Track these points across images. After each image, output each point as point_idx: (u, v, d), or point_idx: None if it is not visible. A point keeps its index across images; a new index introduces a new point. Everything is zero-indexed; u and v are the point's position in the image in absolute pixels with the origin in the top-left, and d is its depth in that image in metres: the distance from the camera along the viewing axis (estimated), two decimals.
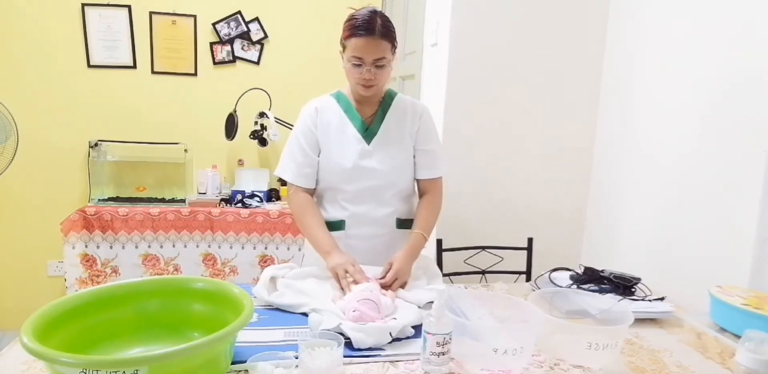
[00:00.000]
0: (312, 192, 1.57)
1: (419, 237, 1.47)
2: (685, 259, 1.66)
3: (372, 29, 1.36)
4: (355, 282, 1.33)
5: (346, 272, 1.35)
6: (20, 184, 2.96)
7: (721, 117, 1.56)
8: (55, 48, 2.93)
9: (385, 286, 1.36)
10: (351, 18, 1.40)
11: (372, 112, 1.55)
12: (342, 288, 1.35)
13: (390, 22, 1.42)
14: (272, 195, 3.02)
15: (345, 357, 1.02)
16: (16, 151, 2.49)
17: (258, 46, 3.13)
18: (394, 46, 1.43)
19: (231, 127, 2.94)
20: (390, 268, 1.39)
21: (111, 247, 2.72)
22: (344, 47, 1.43)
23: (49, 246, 2.97)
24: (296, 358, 0.97)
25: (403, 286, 1.39)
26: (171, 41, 3.04)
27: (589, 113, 2.22)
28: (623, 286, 1.45)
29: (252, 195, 2.91)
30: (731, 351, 1.14)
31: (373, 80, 1.42)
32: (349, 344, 1.09)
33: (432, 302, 1.04)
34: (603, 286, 1.47)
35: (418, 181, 1.58)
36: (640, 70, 1.96)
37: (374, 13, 1.39)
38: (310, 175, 1.53)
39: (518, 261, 2.03)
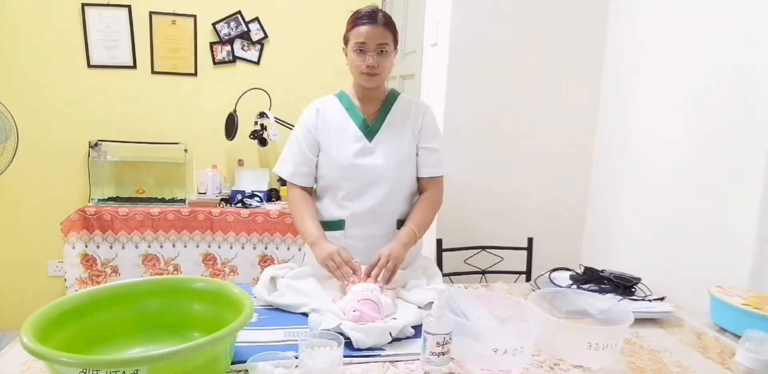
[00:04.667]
0: (309, 190, 1.59)
1: (410, 232, 1.47)
2: (685, 259, 1.66)
3: (375, 18, 1.43)
4: (352, 271, 1.34)
5: (336, 263, 1.36)
6: (20, 184, 2.96)
7: (721, 116, 1.56)
8: (55, 48, 2.93)
9: (386, 280, 1.35)
10: (354, 13, 1.46)
11: (374, 111, 1.56)
12: (341, 281, 1.36)
13: (391, 17, 1.48)
14: (272, 195, 3.02)
15: (345, 357, 1.02)
16: (16, 151, 2.49)
17: (258, 46, 3.13)
18: (395, 39, 1.47)
19: (231, 127, 2.94)
20: (380, 257, 1.38)
21: (111, 247, 2.72)
22: (347, 41, 1.48)
23: (49, 246, 2.97)
24: (296, 358, 0.97)
25: (388, 282, 1.39)
26: (171, 41, 3.04)
27: (589, 113, 2.22)
28: (623, 286, 1.45)
29: (252, 195, 2.91)
30: (731, 351, 1.14)
31: (376, 68, 1.44)
32: (349, 344, 1.09)
33: (432, 302, 1.04)
34: (603, 286, 1.47)
35: (419, 179, 1.58)
36: (639, 69, 1.96)
37: (377, 8, 1.46)
38: (306, 173, 1.55)
39: (518, 261, 2.03)
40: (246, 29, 3.09)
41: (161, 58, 3.04)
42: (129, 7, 2.95)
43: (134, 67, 3.03)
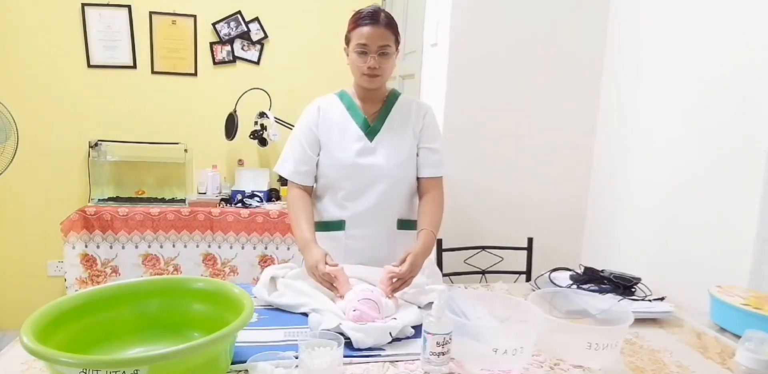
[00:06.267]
0: (309, 189, 1.58)
1: (430, 235, 1.43)
2: (685, 259, 1.66)
3: (377, 19, 1.41)
4: (337, 279, 1.31)
5: (318, 279, 1.33)
6: (20, 184, 2.96)
7: (721, 116, 1.56)
8: (55, 48, 2.93)
9: (395, 289, 1.32)
10: (356, 13, 1.45)
11: (375, 110, 1.55)
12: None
13: (393, 18, 1.47)
14: (272, 195, 3.02)
15: (345, 357, 1.02)
16: (16, 151, 2.49)
17: (258, 46, 3.13)
18: (397, 40, 1.46)
19: (231, 127, 2.94)
20: (405, 258, 1.33)
21: (111, 247, 2.72)
22: (349, 41, 1.47)
23: (49, 246, 2.97)
24: (296, 358, 0.97)
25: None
26: (171, 41, 3.04)
27: (589, 112, 2.22)
28: (623, 286, 1.46)
29: (252, 195, 2.91)
30: (731, 351, 1.14)
31: (377, 70, 1.43)
32: (349, 344, 1.09)
33: (432, 302, 1.04)
34: (603, 286, 1.47)
35: (420, 179, 1.57)
36: (639, 69, 1.96)
37: (379, 8, 1.45)
38: (307, 172, 1.54)
39: (518, 261, 2.03)
40: (246, 29, 3.09)
41: (161, 58, 3.04)
42: (129, 7, 2.95)
43: (134, 67, 3.03)
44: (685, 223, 1.68)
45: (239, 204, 2.87)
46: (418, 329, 1.13)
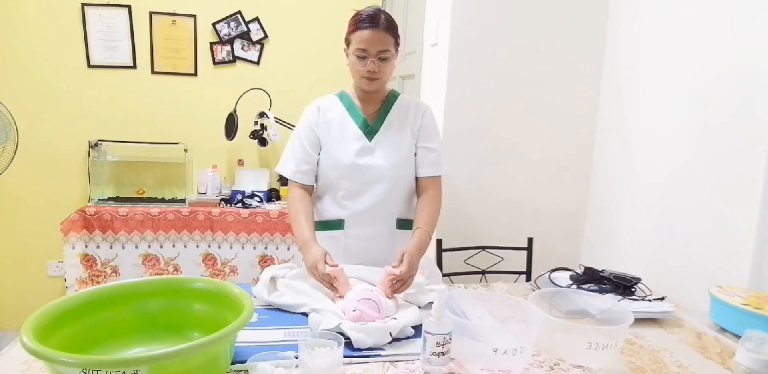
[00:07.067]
0: (310, 189, 1.58)
1: (424, 233, 1.43)
2: (685, 259, 1.66)
3: (376, 22, 1.40)
4: (336, 279, 1.31)
5: (318, 278, 1.33)
6: (20, 184, 2.96)
7: (721, 116, 1.56)
8: (55, 48, 2.93)
9: (395, 290, 1.32)
10: (356, 14, 1.45)
11: (374, 111, 1.56)
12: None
13: (393, 20, 1.46)
14: (272, 195, 3.02)
15: (345, 357, 1.02)
16: (16, 151, 2.49)
17: (258, 46, 3.13)
18: (397, 43, 1.46)
19: (231, 127, 2.94)
20: (401, 258, 1.32)
21: (111, 247, 2.72)
22: (349, 43, 1.47)
23: (49, 246, 2.97)
24: (296, 358, 0.97)
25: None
26: (171, 41, 3.04)
27: (589, 113, 2.22)
28: (623, 286, 1.46)
29: (252, 195, 2.91)
30: (731, 351, 1.14)
31: (376, 73, 1.44)
32: (349, 344, 1.09)
33: (432, 302, 1.04)
34: (603, 286, 1.47)
35: (418, 178, 1.58)
36: (639, 69, 1.96)
37: (379, 10, 1.44)
38: (308, 171, 1.55)
39: (518, 261, 2.03)
40: (246, 29, 3.09)
41: (161, 58, 3.04)
42: (129, 7, 2.95)
43: (134, 67, 3.03)
44: (685, 223, 1.68)
45: (239, 204, 2.87)
46: (418, 329, 1.13)
